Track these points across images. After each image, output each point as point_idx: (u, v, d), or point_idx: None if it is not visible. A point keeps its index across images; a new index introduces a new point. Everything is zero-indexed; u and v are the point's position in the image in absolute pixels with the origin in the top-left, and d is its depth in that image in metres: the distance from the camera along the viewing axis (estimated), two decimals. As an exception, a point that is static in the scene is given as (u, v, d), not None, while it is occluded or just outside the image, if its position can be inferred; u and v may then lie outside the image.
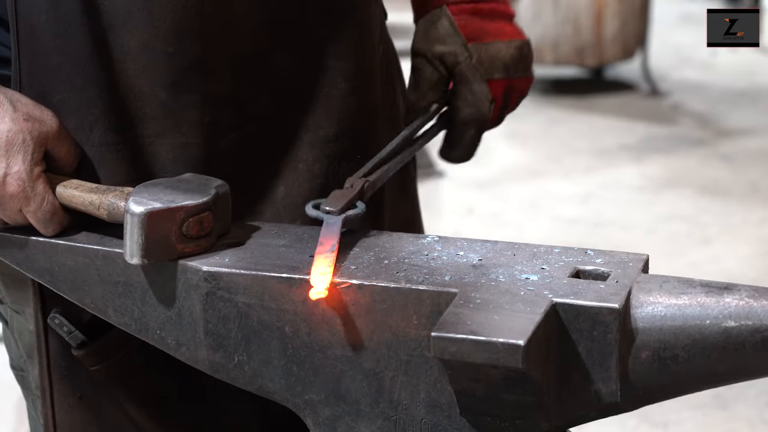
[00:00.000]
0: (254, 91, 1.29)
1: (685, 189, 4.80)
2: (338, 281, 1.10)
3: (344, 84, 1.34)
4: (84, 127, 1.24)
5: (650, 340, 1.04)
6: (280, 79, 1.31)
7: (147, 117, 1.25)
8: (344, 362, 1.11)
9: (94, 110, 1.24)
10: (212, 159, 1.28)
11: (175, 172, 1.26)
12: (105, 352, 1.29)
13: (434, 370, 1.08)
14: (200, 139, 1.27)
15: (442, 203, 4.79)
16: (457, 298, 1.05)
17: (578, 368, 1.05)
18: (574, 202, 4.70)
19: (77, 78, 1.23)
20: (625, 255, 1.14)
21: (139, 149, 1.26)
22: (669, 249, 4.12)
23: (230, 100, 1.28)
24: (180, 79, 1.25)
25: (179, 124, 1.26)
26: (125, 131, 1.25)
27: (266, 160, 1.32)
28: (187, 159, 1.27)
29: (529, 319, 1.01)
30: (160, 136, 1.26)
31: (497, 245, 1.18)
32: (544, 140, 5.60)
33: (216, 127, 1.28)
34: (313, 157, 1.33)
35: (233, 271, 1.14)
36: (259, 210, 1.32)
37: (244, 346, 1.14)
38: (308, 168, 1.33)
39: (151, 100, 1.25)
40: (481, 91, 1.41)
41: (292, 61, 1.31)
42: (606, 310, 1.03)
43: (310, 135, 1.33)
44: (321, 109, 1.33)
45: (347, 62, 1.33)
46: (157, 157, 1.27)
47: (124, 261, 1.16)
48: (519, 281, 1.09)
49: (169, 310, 1.17)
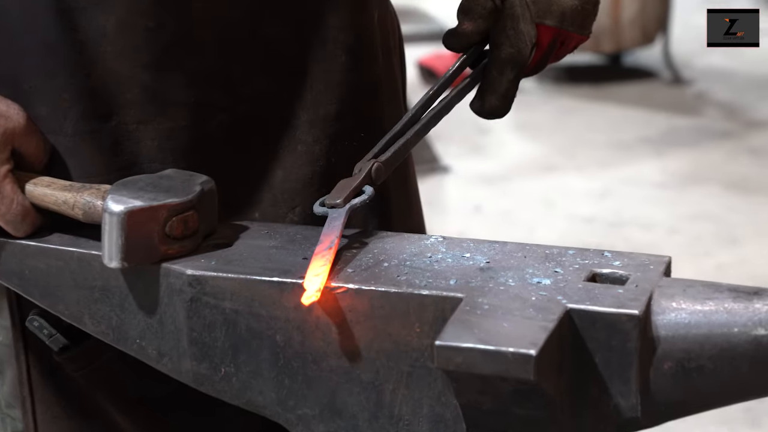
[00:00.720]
0: (245, 66, 1.29)
1: (710, 185, 4.81)
2: (334, 285, 1.10)
3: (344, 57, 1.33)
4: (57, 115, 1.24)
5: (673, 349, 1.04)
6: (273, 53, 1.30)
7: (128, 101, 1.25)
8: (340, 374, 1.11)
9: (68, 96, 1.24)
10: (201, 144, 1.28)
11: (161, 161, 1.26)
12: (89, 356, 1.29)
13: (438, 383, 1.08)
14: (187, 122, 1.27)
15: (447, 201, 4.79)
16: (463, 304, 1.05)
17: (595, 380, 1.05)
18: (590, 200, 4.70)
19: (48, 61, 1.23)
20: (646, 257, 1.14)
21: (119, 137, 1.26)
22: (693, 250, 4.13)
23: (219, 78, 1.28)
24: (162, 58, 1.25)
25: (164, 108, 1.26)
26: (103, 119, 1.25)
27: (262, 143, 1.31)
28: (174, 146, 1.27)
29: (542, 327, 1.01)
30: (142, 122, 1.26)
31: (506, 246, 1.18)
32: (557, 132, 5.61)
33: (204, 109, 1.28)
34: (313, 138, 1.33)
35: (220, 275, 1.14)
36: (255, 198, 1.32)
37: (232, 357, 1.14)
38: (308, 150, 1.33)
39: (131, 83, 1.25)
40: (527, 33, 1.36)
41: (286, 33, 1.31)
42: (625, 317, 1.03)
43: (308, 114, 1.33)
44: (320, 86, 1.33)
45: (346, 34, 1.33)
46: (140, 145, 1.27)
47: (102, 264, 1.16)
48: (530, 285, 1.09)
49: (150, 317, 1.17)
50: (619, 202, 4.67)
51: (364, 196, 1.19)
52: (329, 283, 1.10)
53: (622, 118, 5.76)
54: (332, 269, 1.12)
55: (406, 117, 1.28)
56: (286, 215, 1.34)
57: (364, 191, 1.20)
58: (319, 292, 1.08)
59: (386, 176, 1.23)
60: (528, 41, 1.36)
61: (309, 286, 1.08)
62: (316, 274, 1.09)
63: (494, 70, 1.36)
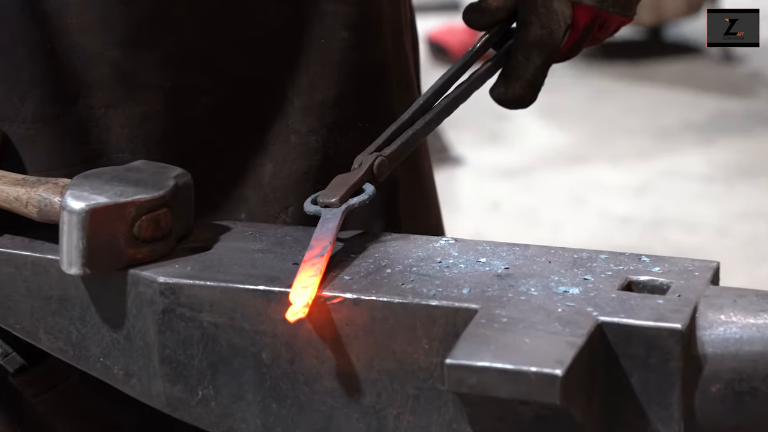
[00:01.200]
0: (229, 45, 1.30)
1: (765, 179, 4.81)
2: (329, 295, 1.10)
3: (345, 33, 1.33)
4: (12, 98, 1.25)
5: (722, 369, 1.04)
6: (262, 29, 1.31)
7: (95, 82, 1.26)
8: (336, 397, 1.12)
9: (26, 76, 1.24)
10: (178, 133, 1.29)
11: (132, 151, 1.26)
12: (50, 379, 1.29)
13: (449, 408, 1.09)
14: (162, 107, 1.28)
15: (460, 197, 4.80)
16: (478, 317, 1.06)
17: (630, 405, 1.05)
18: (626, 196, 4.71)
19: (2, 35, 1.23)
20: (690, 262, 1.14)
21: (84, 123, 1.27)
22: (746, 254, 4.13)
23: (199, 58, 1.29)
24: (136, 33, 1.26)
25: (136, 90, 1.27)
26: (67, 102, 1.26)
27: (248, 132, 1.32)
28: (147, 133, 1.28)
29: (569, 343, 1.01)
30: (112, 106, 1.27)
31: (528, 250, 1.18)
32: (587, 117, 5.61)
33: (182, 93, 1.28)
34: (308, 128, 1.33)
35: (197, 283, 1.14)
36: (241, 195, 1.32)
37: (210, 377, 1.15)
38: (302, 141, 1.33)
39: (100, 61, 1.26)
40: (561, 12, 1.36)
41: (276, 7, 1.31)
42: (666, 332, 1.03)
43: (303, 99, 1.33)
44: (316, 67, 1.33)
45: (348, 6, 1.33)
46: (108, 132, 1.27)
47: (60, 271, 1.17)
48: (555, 295, 1.09)
49: (116, 332, 1.18)
50: (660, 198, 4.67)
51: (363, 196, 1.19)
52: (322, 293, 1.10)
53: (664, 101, 5.77)
54: (326, 277, 1.12)
55: (416, 104, 1.28)
56: (278, 216, 1.34)
57: (364, 189, 1.20)
58: (307, 307, 1.07)
59: (390, 171, 1.23)
60: (562, 22, 1.36)
61: (295, 300, 1.08)
62: (304, 286, 1.09)
63: (520, 54, 1.36)
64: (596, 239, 4.27)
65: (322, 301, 1.10)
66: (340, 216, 1.17)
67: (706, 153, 5.10)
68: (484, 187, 4.86)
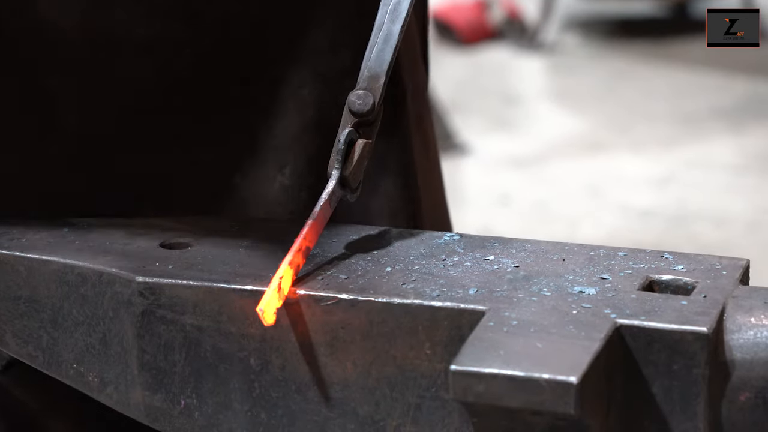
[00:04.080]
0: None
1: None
2: (322, 295, 1.10)
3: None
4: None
5: (752, 376, 1.05)
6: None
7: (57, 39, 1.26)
8: (331, 406, 1.12)
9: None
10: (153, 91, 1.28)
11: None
12: (40, 376, 1.29)
13: (454, 418, 1.09)
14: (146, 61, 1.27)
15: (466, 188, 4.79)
16: (486, 319, 1.06)
17: (652, 415, 1.06)
18: (648, 188, 4.70)
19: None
20: (717, 260, 1.15)
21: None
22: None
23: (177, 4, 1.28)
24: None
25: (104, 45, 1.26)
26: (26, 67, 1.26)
27: (233, 86, 1.31)
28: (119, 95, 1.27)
29: (585, 348, 1.02)
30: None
31: (540, 246, 1.19)
32: (606, 101, 5.61)
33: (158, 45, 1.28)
34: (299, 80, 1.32)
35: (179, 282, 1.14)
36: (232, 157, 1.31)
37: (194, 385, 1.15)
38: (293, 94, 1.32)
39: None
40: None
41: None
42: (690, 336, 1.04)
43: (293, 48, 1.32)
44: (308, 11, 1.32)
45: None
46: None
47: (29, 269, 1.17)
48: (570, 296, 1.09)
49: (91, 335, 1.18)
50: (685, 190, 4.67)
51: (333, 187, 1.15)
52: (318, 293, 1.10)
53: (689, 84, 5.77)
54: (317, 275, 1.12)
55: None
56: (275, 178, 1.33)
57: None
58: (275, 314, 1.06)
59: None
60: None
61: (265, 302, 1.07)
62: (275, 288, 1.07)
63: None
64: (615, 235, 4.27)
65: (315, 303, 1.10)
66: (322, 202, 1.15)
67: (736, 141, 5.10)
68: (493, 178, 4.86)
